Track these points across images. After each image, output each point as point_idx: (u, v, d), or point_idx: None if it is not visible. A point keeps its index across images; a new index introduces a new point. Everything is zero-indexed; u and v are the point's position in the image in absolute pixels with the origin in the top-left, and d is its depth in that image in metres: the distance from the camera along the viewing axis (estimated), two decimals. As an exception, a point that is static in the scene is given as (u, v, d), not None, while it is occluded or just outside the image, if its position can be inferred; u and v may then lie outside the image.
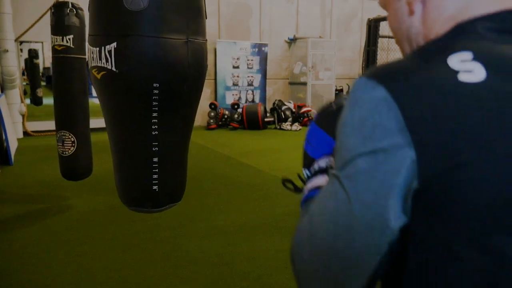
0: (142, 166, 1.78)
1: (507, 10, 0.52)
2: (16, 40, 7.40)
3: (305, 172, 0.78)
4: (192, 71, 1.71)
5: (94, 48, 1.68)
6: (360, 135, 0.48)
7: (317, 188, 0.67)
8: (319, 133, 0.76)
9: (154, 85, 1.62)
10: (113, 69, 1.61)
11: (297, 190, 0.81)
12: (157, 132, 1.70)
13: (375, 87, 0.48)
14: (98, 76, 1.69)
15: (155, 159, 1.75)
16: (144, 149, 1.73)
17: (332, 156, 0.69)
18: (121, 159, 1.86)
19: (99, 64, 1.66)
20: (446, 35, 0.53)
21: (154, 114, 1.68)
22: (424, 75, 0.48)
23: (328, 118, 0.75)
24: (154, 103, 1.66)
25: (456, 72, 0.47)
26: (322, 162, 0.73)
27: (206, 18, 1.83)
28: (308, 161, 0.77)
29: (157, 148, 1.73)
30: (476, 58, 0.47)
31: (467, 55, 0.48)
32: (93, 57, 1.69)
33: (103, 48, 1.64)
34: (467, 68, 0.47)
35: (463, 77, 0.46)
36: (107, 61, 1.62)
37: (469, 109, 0.45)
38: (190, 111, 1.85)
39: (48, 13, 3.53)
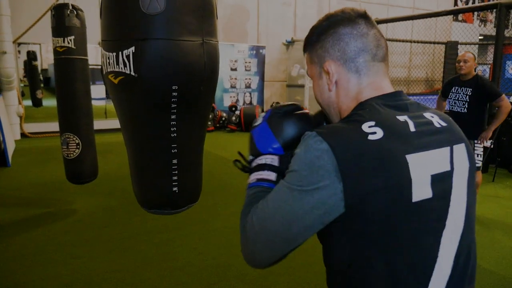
0: (162, 168, 1.77)
1: (386, 93, 0.84)
2: (14, 41, 7.39)
3: (250, 157, 1.01)
4: (208, 72, 1.71)
5: (110, 54, 1.67)
6: (310, 170, 0.75)
7: (267, 181, 0.92)
8: (268, 132, 0.97)
9: (173, 87, 1.62)
10: (132, 73, 1.61)
11: (245, 170, 1.02)
12: (175, 134, 1.70)
13: (322, 141, 0.74)
14: (116, 81, 1.68)
15: (175, 161, 1.75)
16: (164, 151, 1.73)
17: (276, 156, 0.95)
18: (140, 163, 1.85)
19: (117, 69, 1.65)
20: (356, 109, 0.83)
21: (173, 117, 1.68)
22: (349, 136, 0.75)
23: (277, 121, 0.97)
24: (173, 105, 1.66)
25: (367, 134, 0.74)
26: (270, 160, 0.95)
27: (217, 18, 1.84)
28: (254, 151, 0.99)
29: (176, 150, 1.72)
30: (377, 125, 0.76)
31: (372, 123, 0.76)
32: (109, 62, 1.68)
33: (120, 53, 1.63)
34: (372, 131, 0.75)
35: (370, 137, 0.74)
36: (125, 65, 1.62)
37: (372, 157, 0.73)
38: (206, 111, 1.86)
39: (46, 15, 3.54)
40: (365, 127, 0.75)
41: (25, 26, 7.33)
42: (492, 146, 5.17)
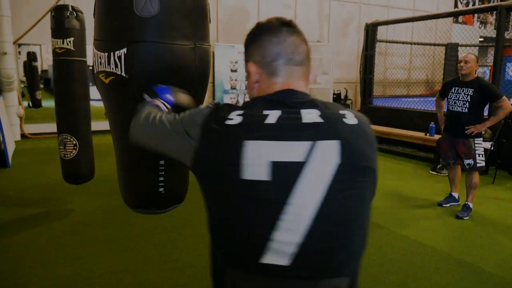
0: (149, 169, 1.78)
1: (281, 90, 0.97)
2: (14, 42, 7.40)
3: (149, 92, 1.44)
4: (198, 75, 1.73)
5: (102, 53, 1.68)
6: (192, 119, 0.97)
7: (158, 106, 1.32)
8: (170, 91, 1.45)
9: None
10: (123, 74, 1.62)
11: (149, 94, 1.43)
12: None
13: (209, 108, 0.97)
14: (106, 81, 1.69)
15: (162, 162, 1.76)
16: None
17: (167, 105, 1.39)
18: (127, 163, 1.86)
19: (108, 70, 1.67)
20: (250, 101, 1.01)
21: None
22: (219, 116, 0.93)
23: (177, 91, 1.48)
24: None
25: (226, 119, 0.91)
26: (165, 99, 1.41)
27: (210, 22, 1.86)
28: (152, 93, 1.43)
29: None
30: (241, 114, 0.91)
31: (240, 112, 0.92)
32: (100, 62, 1.69)
33: (112, 53, 1.64)
34: (233, 117, 0.91)
35: (227, 121, 0.91)
36: (116, 66, 1.63)
37: (219, 136, 0.91)
38: None
39: (46, 16, 3.55)
40: (233, 114, 0.92)
41: (26, 27, 7.33)
42: (492, 148, 5.17)
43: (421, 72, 10.65)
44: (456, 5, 13.41)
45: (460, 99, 3.88)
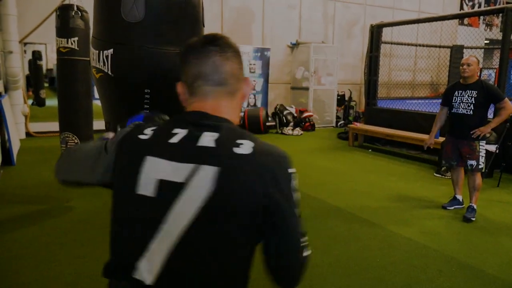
0: None
1: (193, 111, 0.99)
2: (20, 41, 7.43)
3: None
4: None
5: (95, 50, 1.81)
6: (117, 135, 1.02)
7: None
8: (139, 118, 1.36)
9: (146, 90, 1.75)
10: (109, 72, 1.74)
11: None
12: None
13: (128, 128, 1.02)
14: (97, 76, 1.84)
15: None
16: None
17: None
18: None
19: (98, 66, 1.80)
20: (170, 119, 1.07)
21: None
22: (135, 131, 0.99)
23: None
24: (146, 106, 1.79)
25: (140, 134, 0.97)
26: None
27: (204, 26, 1.91)
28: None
29: None
30: (153, 130, 0.97)
31: (154, 128, 0.98)
32: (93, 57, 1.82)
33: (101, 52, 1.76)
34: (146, 133, 0.97)
35: (141, 136, 0.96)
36: (104, 64, 1.73)
37: (130, 148, 0.97)
38: None
39: (52, 15, 3.56)
40: (148, 129, 0.98)
41: (31, 26, 7.38)
42: (497, 151, 5.14)
43: (426, 74, 10.61)
44: (461, 7, 13.37)
45: (464, 101, 3.91)
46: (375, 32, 7.99)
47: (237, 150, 0.89)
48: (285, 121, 9.25)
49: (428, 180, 5.42)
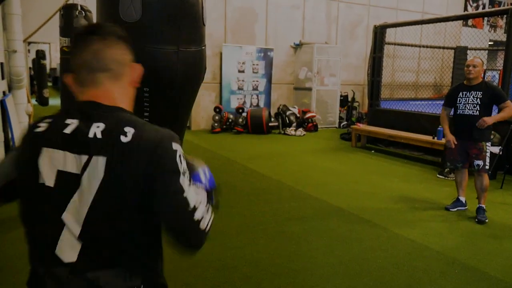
0: None
1: (84, 101, 1.01)
2: (24, 40, 7.46)
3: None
4: (181, 78, 1.81)
5: None
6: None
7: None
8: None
9: (145, 89, 1.75)
10: None
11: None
12: None
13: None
14: None
15: None
16: None
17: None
18: None
19: None
20: (62, 109, 1.08)
21: (146, 114, 1.83)
22: (35, 124, 1.02)
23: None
24: (146, 104, 1.78)
25: (35, 127, 1.01)
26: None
27: (204, 25, 1.91)
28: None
29: None
30: (48, 122, 1.00)
31: (49, 120, 1.01)
32: None
33: None
34: (41, 125, 1.00)
35: (36, 129, 1.00)
36: None
37: (27, 142, 1.02)
38: (182, 113, 1.93)
39: (56, 15, 3.57)
40: (43, 122, 1.01)
41: (36, 25, 7.40)
42: (500, 153, 5.12)
43: (429, 75, 10.58)
44: (465, 8, 13.33)
45: (469, 102, 3.92)
46: (379, 33, 7.98)
47: (123, 139, 0.95)
48: (288, 121, 9.25)
49: (431, 181, 5.40)
